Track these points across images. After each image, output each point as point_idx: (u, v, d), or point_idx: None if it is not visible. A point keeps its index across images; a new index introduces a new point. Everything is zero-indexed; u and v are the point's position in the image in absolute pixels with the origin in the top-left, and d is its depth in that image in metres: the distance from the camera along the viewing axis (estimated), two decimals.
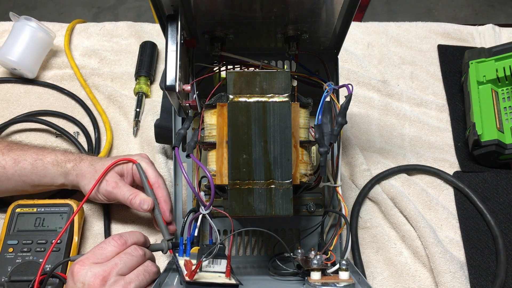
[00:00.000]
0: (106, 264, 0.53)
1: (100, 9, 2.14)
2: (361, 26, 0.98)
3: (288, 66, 0.70)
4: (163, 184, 0.68)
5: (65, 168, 0.67)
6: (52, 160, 0.67)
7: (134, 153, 0.79)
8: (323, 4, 0.55)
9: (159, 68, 0.91)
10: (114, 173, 0.67)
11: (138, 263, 0.56)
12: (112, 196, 0.66)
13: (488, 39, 0.96)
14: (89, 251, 0.55)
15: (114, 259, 0.54)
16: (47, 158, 0.67)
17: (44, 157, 0.67)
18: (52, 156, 0.68)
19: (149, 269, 0.56)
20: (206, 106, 0.56)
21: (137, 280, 0.54)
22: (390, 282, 0.70)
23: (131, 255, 0.55)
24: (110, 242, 0.55)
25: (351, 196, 0.77)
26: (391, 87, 0.89)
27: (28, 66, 0.85)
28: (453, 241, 0.74)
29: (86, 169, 0.67)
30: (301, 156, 0.54)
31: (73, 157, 0.69)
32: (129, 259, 0.55)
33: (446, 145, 0.84)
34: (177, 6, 0.52)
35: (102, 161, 0.69)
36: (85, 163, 0.68)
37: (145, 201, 0.65)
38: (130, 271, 0.55)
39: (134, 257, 0.55)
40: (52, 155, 0.68)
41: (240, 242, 0.71)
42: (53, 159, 0.68)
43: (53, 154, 0.68)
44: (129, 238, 0.57)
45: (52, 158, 0.68)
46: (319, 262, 0.55)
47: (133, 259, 0.55)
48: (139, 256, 0.56)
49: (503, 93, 0.81)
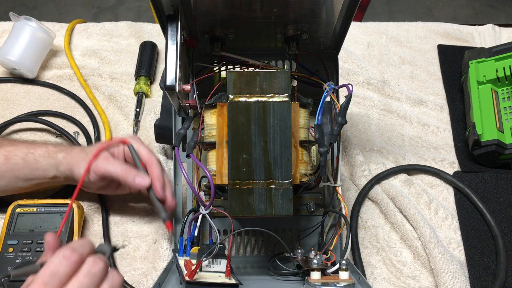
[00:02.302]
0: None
1: (100, 9, 2.14)
2: (361, 26, 0.98)
3: (288, 66, 0.70)
4: (156, 162, 0.64)
5: (56, 158, 0.65)
6: (43, 152, 0.66)
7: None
8: (323, 4, 0.55)
9: (159, 68, 0.91)
10: (105, 153, 0.64)
11: (101, 279, 0.44)
12: (104, 172, 0.61)
13: (488, 39, 0.96)
14: (37, 276, 0.42)
15: (73, 283, 0.42)
16: (38, 151, 0.66)
17: (35, 150, 0.66)
18: (43, 148, 0.66)
19: (115, 283, 0.45)
20: (206, 106, 0.56)
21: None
22: (390, 282, 0.70)
23: (93, 274, 0.44)
24: (62, 262, 0.43)
25: (351, 196, 0.77)
26: (391, 87, 0.89)
27: (28, 66, 0.85)
28: (453, 241, 0.74)
29: (77, 155, 0.65)
30: (301, 156, 0.54)
31: (64, 148, 0.67)
32: (92, 280, 0.43)
33: (446, 145, 0.84)
34: (177, 6, 0.52)
35: (94, 146, 0.68)
36: (76, 150, 0.66)
37: (142, 177, 0.61)
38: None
39: (96, 275, 0.44)
40: (43, 147, 0.66)
41: (240, 242, 0.71)
42: (44, 151, 0.66)
43: (43, 146, 0.67)
44: (83, 249, 0.45)
45: (43, 150, 0.66)
46: (319, 262, 0.55)
47: (96, 277, 0.44)
48: (101, 270, 0.44)
49: (503, 93, 0.81)
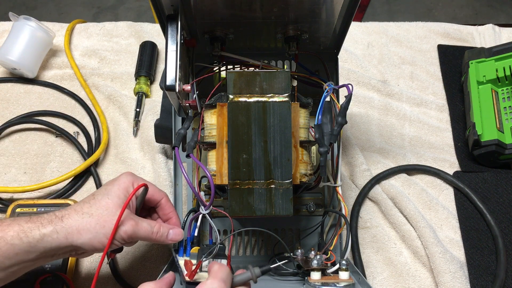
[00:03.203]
0: None
1: (100, 9, 2.14)
2: (361, 26, 0.98)
3: (288, 66, 0.70)
4: (169, 201, 0.61)
5: (41, 234, 0.50)
6: (17, 233, 0.49)
7: (134, 155, 0.80)
8: (323, 4, 0.55)
9: (159, 68, 0.91)
10: (127, 211, 0.53)
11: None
12: (133, 237, 0.53)
13: (488, 39, 0.96)
14: None
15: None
16: (9, 232, 0.49)
17: (5, 233, 0.49)
18: (15, 228, 0.50)
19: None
20: (206, 106, 0.56)
21: None
22: (390, 282, 0.70)
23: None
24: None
25: (351, 196, 0.77)
26: (391, 87, 0.89)
27: (28, 65, 0.85)
28: (453, 241, 0.74)
29: (80, 221, 0.51)
30: (301, 156, 0.54)
31: (48, 218, 0.51)
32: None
33: (446, 145, 0.84)
34: (177, 6, 0.52)
35: (96, 202, 0.53)
36: (73, 216, 0.51)
37: (177, 233, 0.57)
38: None
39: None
40: (14, 226, 0.50)
41: (240, 242, 0.71)
42: (17, 231, 0.50)
43: (15, 225, 0.50)
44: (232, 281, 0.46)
45: (15, 230, 0.50)
46: (319, 262, 0.55)
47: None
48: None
49: (503, 93, 0.81)
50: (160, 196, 0.59)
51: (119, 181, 0.55)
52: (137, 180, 0.57)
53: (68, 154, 0.80)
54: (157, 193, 0.59)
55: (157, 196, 0.59)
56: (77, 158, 0.80)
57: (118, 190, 0.54)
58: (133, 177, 0.57)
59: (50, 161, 0.79)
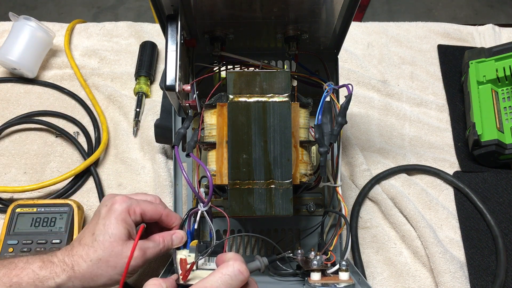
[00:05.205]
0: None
1: (100, 9, 2.14)
2: (361, 26, 0.98)
3: (288, 66, 0.70)
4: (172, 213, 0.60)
5: (57, 284, 0.52)
6: (32, 280, 0.51)
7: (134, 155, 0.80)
8: (323, 4, 0.55)
9: (159, 68, 0.91)
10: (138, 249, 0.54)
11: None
12: (144, 264, 0.55)
13: (488, 39, 0.96)
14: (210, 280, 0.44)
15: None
16: (24, 278, 0.51)
17: (20, 278, 0.51)
18: (30, 274, 0.51)
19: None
20: (206, 106, 0.56)
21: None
22: (390, 282, 0.70)
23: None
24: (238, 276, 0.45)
25: (351, 196, 0.77)
26: (391, 87, 0.89)
27: (28, 65, 0.85)
28: (453, 241, 0.74)
29: (91, 269, 0.52)
30: (301, 156, 0.54)
31: (61, 266, 0.52)
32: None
33: (446, 145, 0.84)
34: (177, 6, 0.52)
35: (99, 244, 0.52)
36: (82, 264, 0.52)
37: (179, 237, 0.57)
38: None
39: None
40: (29, 273, 0.51)
41: (240, 242, 0.71)
42: (32, 278, 0.51)
43: (29, 270, 0.52)
44: None
45: (31, 277, 0.51)
46: (319, 262, 0.55)
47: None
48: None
49: (503, 93, 0.81)
50: (158, 214, 0.57)
51: (115, 212, 0.54)
52: (131, 205, 0.55)
53: (68, 154, 0.80)
54: (155, 214, 0.57)
55: (156, 216, 0.58)
56: (77, 158, 0.80)
57: (116, 224, 0.53)
58: (127, 203, 0.55)
59: (50, 161, 0.79)
